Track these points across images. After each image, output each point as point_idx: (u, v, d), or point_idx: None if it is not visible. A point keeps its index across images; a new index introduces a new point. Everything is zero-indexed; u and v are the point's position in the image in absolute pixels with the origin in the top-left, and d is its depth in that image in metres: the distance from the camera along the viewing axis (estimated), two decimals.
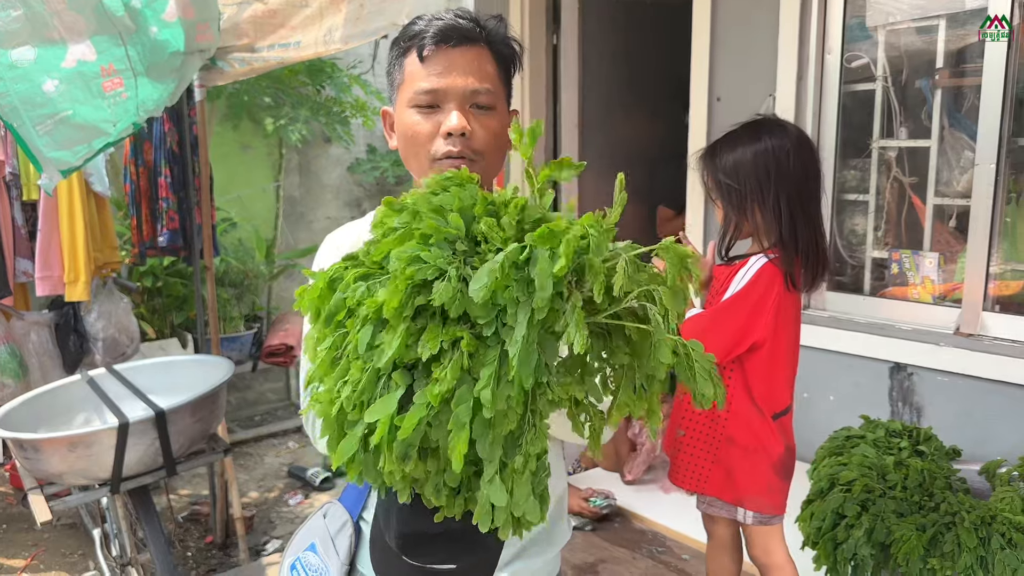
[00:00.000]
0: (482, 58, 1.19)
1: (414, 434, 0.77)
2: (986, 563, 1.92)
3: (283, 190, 5.63)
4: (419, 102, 1.19)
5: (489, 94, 1.19)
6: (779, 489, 2.05)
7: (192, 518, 3.73)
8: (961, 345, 2.83)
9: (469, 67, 1.18)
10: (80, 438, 2.18)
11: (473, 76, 1.18)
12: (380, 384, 0.80)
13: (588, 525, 3.06)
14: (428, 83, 1.18)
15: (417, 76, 1.19)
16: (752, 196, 1.91)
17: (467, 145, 1.17)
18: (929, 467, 2.31)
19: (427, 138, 1.19)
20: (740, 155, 1.93)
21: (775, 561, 2.09)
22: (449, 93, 1.17)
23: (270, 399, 5.38)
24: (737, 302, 1.92)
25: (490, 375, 0.75)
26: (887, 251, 3.21)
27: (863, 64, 3.18)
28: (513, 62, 1.26)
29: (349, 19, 2.99)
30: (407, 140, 1.22)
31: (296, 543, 1.35)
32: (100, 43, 2.46)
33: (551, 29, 4.33)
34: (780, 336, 1.96)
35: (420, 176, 1.25)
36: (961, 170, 2.97)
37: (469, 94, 1.18)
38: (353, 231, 1.32)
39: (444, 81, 1.17)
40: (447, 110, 1.18)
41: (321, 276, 0.86)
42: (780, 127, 1.96)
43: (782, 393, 2.03)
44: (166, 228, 3.78)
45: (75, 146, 2.42)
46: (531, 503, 0.80)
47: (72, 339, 3.64)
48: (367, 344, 0.80)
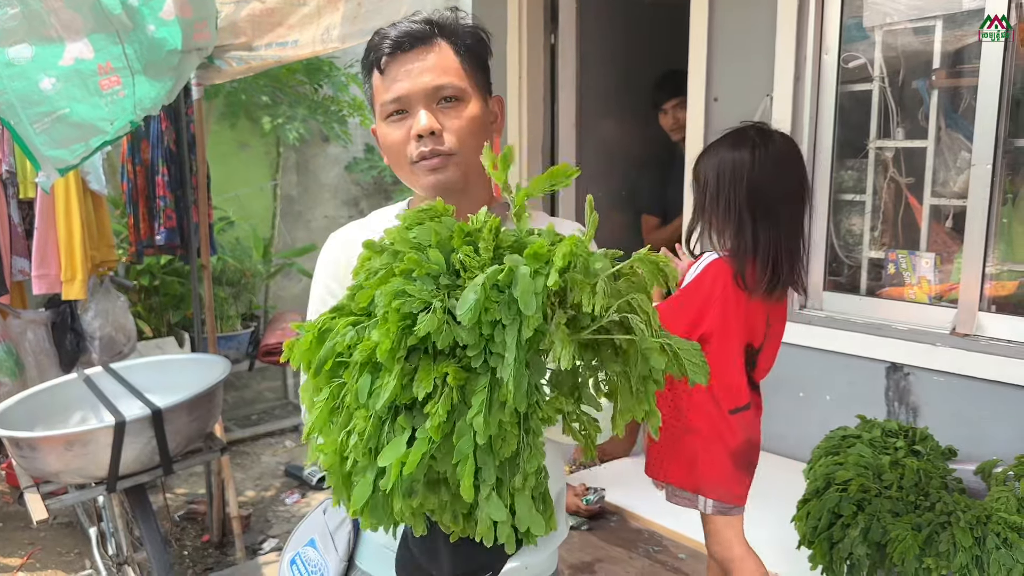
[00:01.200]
0: (440, 54, 1.20)
1: (418, 470, 0.79)
2: (981, 562, 1.93)
3: (280, 189, 5.63)
4: (389, 112, 1.21)
5: (453, 87, 1.20)
6: (738, 480, 2.10)
7: (188, 517, 3.73)
8: (957, 345, 2.83)
9: (427, 66, 1.19)
10: (77, 436, 2.18)
11: (432, 73, 1.19)
12: (385, 430, 0.81)
13: (584, 524, 3.06)
14: (391, 92, 1.20)
15: (381, 89, 1.22)
16: (710, 199, 2.00)
17: (438, 143, 1.18)
18: (925, 467, 2.32)
19: (402, 144, 1.21)
20: (709, 160, 2.02)
21: (736, 554, 2.11)
22: (412, 97, 1.19)
23: (267, 398, 5.38)
24: (686, 294, 2.01)
25: (481, 402, 0.77)
26: (884, 251, 3.21)
27: (860, 64, 3.18)
28: (479, 47, 1.26)
29: (347, 18, 2.99)
30: (388, 151, 1.25)
31: (296, 538, 1.36)
32: (97, 41, 2.46)
33: (549, 28, 4.33)
34: (731, 332, 2.01)
35: (408, 183, 1.26)
36: (958, 171, 2.98)
37: (432, 92, 1.19)
38: (356, 228, 1.32)
39: (404, 86, 1.19)
40: (415, 113, 1.19)
41: (310, 328, 0.88)
42: (761, 136, 1.99)
43: (740, 390, 2.07)
44: (164, 227, 3.79)
45: (72, 144, 2.42)
46: (534, 516, 0.82)
47: (69, 337, 3.64)
48: (367, 392, 0.81)
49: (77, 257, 3.38)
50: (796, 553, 2.27)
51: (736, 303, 1.99)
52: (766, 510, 2.94)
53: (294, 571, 1.32)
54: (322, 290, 1.30)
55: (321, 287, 1.30)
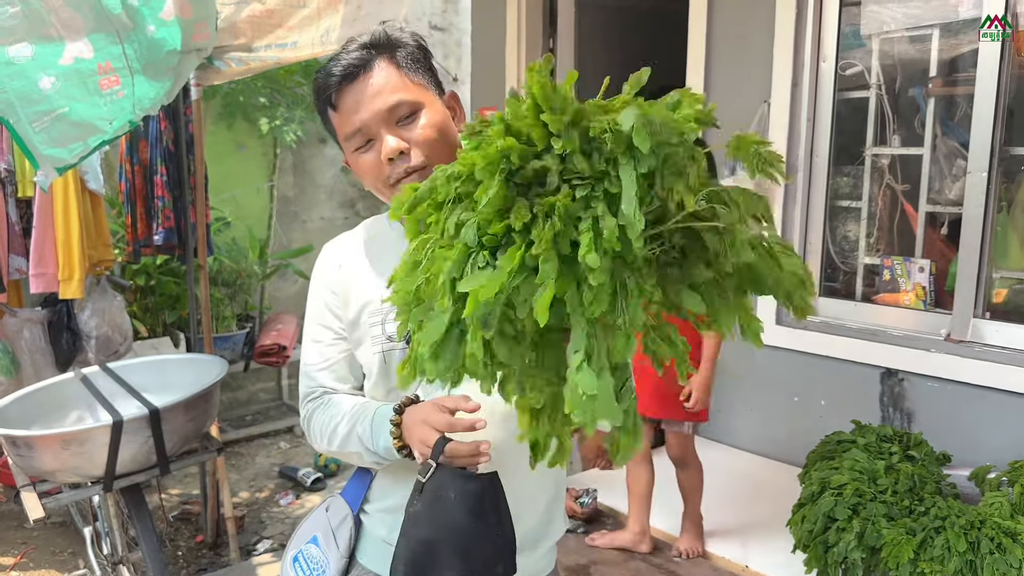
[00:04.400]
0: (385, 72, 1.22)
1: (496, 299, 0.74)
2: (975, 567, 1.94)
3: (277, 190, 5.63)
4: (355, 145, 1.24)
5: (407, 102, 1.21)
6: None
7: (183, 517, 3.72)
8: (952, 351, 2.85)
9: (375, 89, 1.21)
10: (74, 435, 2.17)
11: (382, 95, 1.20)
12: (470, 262, 0.77)
13: (580, 528, 3.07)
14: (350, 125, 1.22)
15: (340, 124, 1.24)
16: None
17: (409, 161, 1.20)
18: (919, 472, 2.33)
19: (377, 170, 1.23)
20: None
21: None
22: (371, 123, 1.21)
23: (262, 399, 5.37)
24: None
25: (589, 240, 0.72)
26: (879, 257, 3.23)
27: (857, 72, 3.20)
28: (419, 53, 1.27)
29: (346, 20, 3.00)
30: (365, 178, 1.27)
31: (299, 536, 1.38)
32: (97, 41, 2.46)
33: (548, 33, 4.35)
34: None
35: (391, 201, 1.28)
36: (953, 178, 3.00)
37: (388, 113, 1.21)
38: (347, 243, 1.35)
39: (360, 116, 1.21)
40: (380, 137, 1.21)
41: (410, 188, 0.86)
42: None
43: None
44: (162, 227, 3.78)
45: (71, 143, 2.41)
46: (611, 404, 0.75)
47: (65, 337, 3.63)
48: (455, 224, 0.78)
49: (75, 256, 3.37)
50: (791, 557, 2.28)
51: None
52: (761, 514, 2.95)
53: (296, 568, 1.33)
54: (317, 301, 1.32)
55: (316, 298, 1.33)
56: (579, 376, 0.74)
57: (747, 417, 3.23)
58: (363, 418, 1.22)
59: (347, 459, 1.28)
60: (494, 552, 1.06)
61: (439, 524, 1.03)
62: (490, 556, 1.06)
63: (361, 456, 1.23)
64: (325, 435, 1.27)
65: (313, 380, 1.32)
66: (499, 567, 1.08)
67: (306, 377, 1.33)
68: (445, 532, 1.05)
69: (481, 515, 1.07)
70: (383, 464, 1.24)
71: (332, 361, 1.31)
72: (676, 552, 2.81)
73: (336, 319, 1.30)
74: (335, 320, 1.30)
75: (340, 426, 1.25)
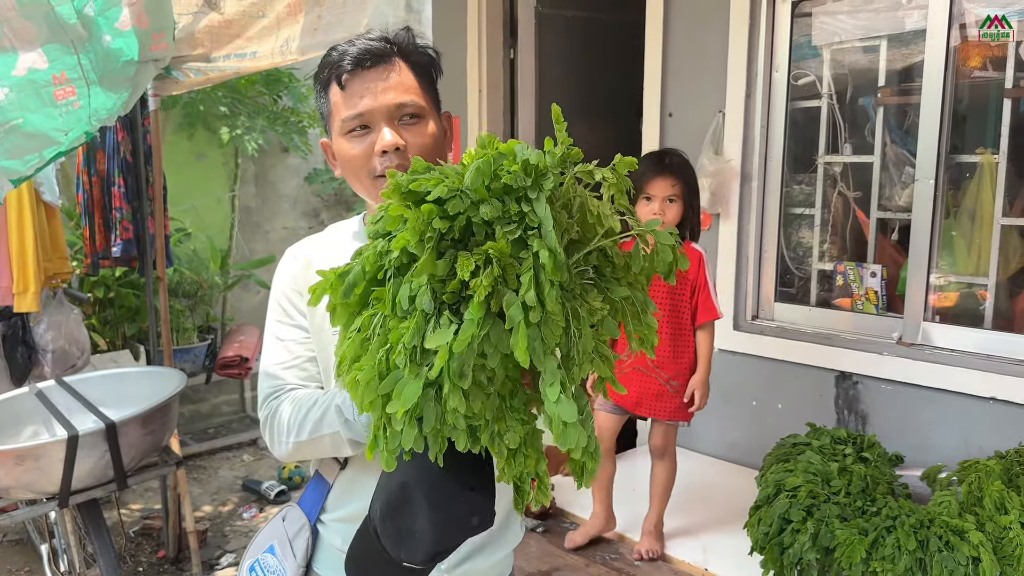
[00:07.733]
0: (400, 72, 1.24)
1: (468, 350, 0.80)
2: (924, 565, 1.99)
3: (239, 200, 5.58)
4: (350, 128, 1.24)
5: (414, 105, 1.24)
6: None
7: (144, 532, 3.67)
8: (903, 355, 2.92)
9: (389, 84, 1.22)
10: (28, 451, 2.15)
11: (394, 91, 1.22)
12: (430, 326, 0.83)
13: (539, 527, 3.08)
14: (354, 109, 1.22)
15: (342, 105, 1.24)
16: (695, 200, 2.66)
17: (404, 158, 1.21)
18: (872, 473, 2.38)
19: (365, 159, 1.23)
20: (690, 170, 2.65)
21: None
22: (375, 113, 1.22)
23: (224, 411, 5.32)
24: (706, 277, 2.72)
25: (529, 279, 0.80)
26: (832, 263, 3.30)
27: (809, 82, 3.27)
28: (432, 68, 1.30)
29: (306, 30, 3.00)
30: (346, 165, 1.26)
31: (256, 545, 1.37)
32: (52, 51, 2.44)
33: (508, 44, 4.38)
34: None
35: (367, 197, 1.28)
36: (903, 185, 3.08)
37: (395, 109, 1.22)
38: (314, 242, 1.34)
39: (368, 103, 1.22)
40: (378, 129, 1.22)
41: (330, 272, 0.92)
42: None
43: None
44: (120, 238, 3.74)
45: (25, 155, 2.38)
46: (584, 429, 0.85)
47: (20, 350, 3.57)
48: (407, 297, 0.83)
49: (30, 269, 3.33)
50: (748, 559, 2.32)
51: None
52: (721, 517, 2.99)
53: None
54: (281, 301, 1.31)
55: (280, 298, 1.31)
56: (560, 407, 0.82)
57: (706, 422, 3.27)
58: (341, 393, 1.17)
59: (314, 450, 1.23)
60: (470, 504, 1.05)
61: (417, 468, 1.00)
62: (466, 507, 1.04)
63: (334, 439, 1.17)
64: (294, 426, 1.21)
65: (277, 379, 1.27)
66: (475, 519, 1.05)
67: (269, 377, 1.28)
68: (420, 476, 1.01)
69: (459, 464, 1.01)
70: (356, 446, 1.18)
71: (300, 359, 1.28)
72: (637, 555, 2.83)
73: (303, 317, 1.28)
74: (302, 318, 1.28)
75: (312, 410, 1.19)
